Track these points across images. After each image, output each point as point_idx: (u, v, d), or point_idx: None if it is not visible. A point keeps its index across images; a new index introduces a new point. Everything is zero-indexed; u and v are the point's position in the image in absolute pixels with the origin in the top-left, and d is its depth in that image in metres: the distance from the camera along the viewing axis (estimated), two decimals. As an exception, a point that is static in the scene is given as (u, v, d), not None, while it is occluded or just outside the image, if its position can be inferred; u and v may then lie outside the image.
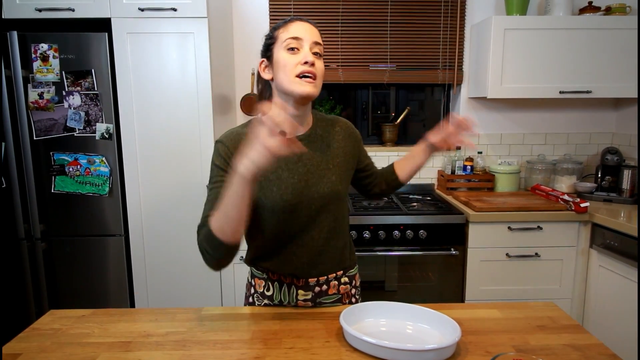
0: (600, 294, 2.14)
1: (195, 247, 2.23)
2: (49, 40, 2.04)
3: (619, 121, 2.76)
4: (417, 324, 1.08)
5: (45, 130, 2.10)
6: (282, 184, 1.12)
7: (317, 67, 1.08)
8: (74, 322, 1.14)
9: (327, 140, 1.20)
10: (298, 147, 0.88)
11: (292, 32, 1.07)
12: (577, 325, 1.11)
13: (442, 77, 2.72)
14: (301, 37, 1.07)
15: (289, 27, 1.09)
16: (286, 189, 1.12)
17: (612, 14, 2.43)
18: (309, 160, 1.16)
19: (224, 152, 1.09)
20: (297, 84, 1.06)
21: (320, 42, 1.10)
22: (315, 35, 1.09)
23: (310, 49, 1.07)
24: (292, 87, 1.06)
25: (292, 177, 1.13)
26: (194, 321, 1.14)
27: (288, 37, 1.07)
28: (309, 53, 1.06)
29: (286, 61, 1.06)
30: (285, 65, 1.06)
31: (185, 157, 2.16)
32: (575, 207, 2.18)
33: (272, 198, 1.12)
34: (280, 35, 1.09)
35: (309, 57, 1.05)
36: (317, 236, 1.18)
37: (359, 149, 1.30)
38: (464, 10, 2.67)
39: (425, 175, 2.83)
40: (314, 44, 1.08)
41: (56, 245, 2.21)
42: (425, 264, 2.26)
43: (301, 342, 1.03)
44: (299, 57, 1.06)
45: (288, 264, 1.19)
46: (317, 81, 1.08)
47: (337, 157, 1.20)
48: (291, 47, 1.07)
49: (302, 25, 1.09)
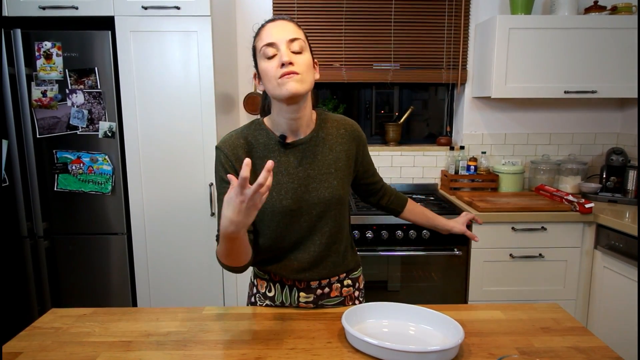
0: (604, 295, 2.13)
1: (197, 245, 2.23)
2: (53, 38, 2.04)
3: (624, 121, 2.73)
4: (419, 325, 1.07)
5: (48, 128, 2.11)
6: (282, 189, 1.11)
7: (298, 63, 1.02)
8: (75, 321, 1.14)
9: (330, 144, 1.16)
10: (268, 172, 0.81)
11: (264, 38, 1.03)
12: (582, 327, 1.10)
13: (446, 76, 2.70)
14: (274, 41, 1.01)
15: (262, 33, 1.05)
16: (286, 193, 1.11)
17: (618, 13, 2.41)
18: (309, 164, 1.13)
19: (224, 160, 1.10)
20: (280, 85, 1.01)
21: (298, 36, 1.03)
22: (290, 31, 1.03)
23: (287, 47, 1.01)
24: (276, 92, 1.02)
25: (291, 182, 1.12)
26: (195, 321, 1.14)
27: (262, 45, 1.03)
28: (284, 53, 1.00)
29: (266, 69, 1.03)
30: (267, 73, 1.03)
31: (187, 155, 2.16)
32: (580, 208, 2.16)
33: (271, 203, 1.11)
34: (257, 45, 1.06)
35: (284, 58, 1.00)
36: (318, 241, 1.16)
37: (359, 152, 1.23)
38: (469, 10, 2.66)
39: (428, 175, 2.82)
40: (289, 42, 1.02)
41: (59, 243, 2.21)
42: (428, 264, 2.25)
43: (303, 342, 1.03)
44: (277, 60, 1.01)
45: (289, 268, 1.18)
46: (302, 75, 1.01)
47: (340, 161, 1.17)
48: (268, 55, 1.02)
49: (274, 26, 1.04)
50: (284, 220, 1.12)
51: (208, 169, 2.17)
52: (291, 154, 1.12)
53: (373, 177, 1.33)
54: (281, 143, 1.12)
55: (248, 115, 2.67)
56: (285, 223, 1.13)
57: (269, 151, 1.12)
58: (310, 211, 1.13)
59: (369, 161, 1.30)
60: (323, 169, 1.14)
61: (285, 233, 1.14)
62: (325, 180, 1.14)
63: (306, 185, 1.12)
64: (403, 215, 1.40)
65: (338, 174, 1.15)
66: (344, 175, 1.17)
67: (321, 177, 1.13)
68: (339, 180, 1.16)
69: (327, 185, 1.14)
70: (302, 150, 1.13)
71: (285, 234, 1.14)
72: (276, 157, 1.12)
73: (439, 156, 2.79)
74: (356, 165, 1.24)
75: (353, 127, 1.22)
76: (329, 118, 1.20)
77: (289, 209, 1.11)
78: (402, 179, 2.81)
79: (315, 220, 1.14)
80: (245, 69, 2.67)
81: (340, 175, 1.16)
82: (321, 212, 1.14)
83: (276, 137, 1.12)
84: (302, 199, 1.12)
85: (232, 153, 1.10)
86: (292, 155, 1.12)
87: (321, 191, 1.13)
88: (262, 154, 1.12)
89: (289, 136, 1.12)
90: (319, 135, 1.15)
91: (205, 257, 2.24)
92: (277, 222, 1.12)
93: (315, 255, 1.17)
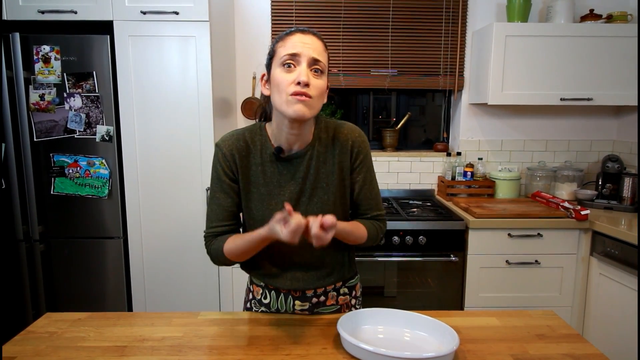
0: (600, 302, 2.13)
1: (193, 251, 2.22)
2: (51, 42, 2.05)
3: (620, 129, 2.75)
4: (415, 332, 1.07)
5: (46, 132, 2.10)
6: (272, 200, 1.11)
7: (314, 86, 0.99)
8: (70, 325, 1.14)
9: (324, 157, 1.13)
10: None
11: (289, 47, 0.99)
12: (577, 334, 1.10)
13: (443, 82, 2.72)
14: (299, 53, 0.98)
15: (287, 40, 1.01)
16: (276, 205, 1.11)
17: (613, 21, 2.44)
18: (302, 178, 1.11)
19: (222, 159, 1.12)
20: (288, 103, 0.98)
21: (322, 58, 1.01)
22: (316, 50, 1.00)
23: (309, 65, 0.99)
24: (283, 108, 1.00)
25: (282, 194, 1.11)
26: (190, 326, 1.14)
27: (285, 53, 0.99)
28: (304, 72, 0.98)
29: (280, 79, 0.99)
30: (280, 84, 0.99)
31: (185, 160, 2.16)
32: (576, 215, 2.17)
33: (261, 210, 1.12)
34: (278, 50, 1.02)
35: (302, 77, 0.97)
36: (308, 255, 1.15)
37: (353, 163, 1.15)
38: (465, 17, 2.67)
39: (425, 180, 2.82)
40: (312, 61, 0.99)
41: (55, 247, 2.20)
42: (424, 270, 2.25)
43: (298, 348, 1.03)
44: (294, 74, 0.98)
45: (282, 279, 1.18)
46: (313, 101, 0.99)
47: (333, 174, 1.13)
48: (287, 63, 0.99)
49: (303, 38, 1.00)
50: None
51: (205, 173, 2.17)
52: (284, 167, 1.12)
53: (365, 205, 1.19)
54: (276, 156, 1.11)
55: (246, 119, 2.68)
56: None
57: (264, 160, 1.12)
58: None
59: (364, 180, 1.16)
60: (315, 183, 1.12)
61: (276, 244, 1.08)
62: (315, 195, 1.12)
63: (297, 199, 1.12)
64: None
65: (330, 189, 1.13)
66: (336, 190, 1.13)
67: (312, 192, 1.12)
68: (331, 194, 1.13)
69: (317, 200, 1.12)
70: (296, 164, 1.12)
71: (276, 245, 1.09)
72: (270, 168, 1.12)
73: (436, 162, 2.80)
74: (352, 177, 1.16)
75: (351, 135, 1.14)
76: (329, 126, 1.15)
77: None
78: (399, 184, 2.82)
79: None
80: (243, 74, 2.68)
81: (333, 190, 1.13)
82: None
83: (272, 148, 1.11)
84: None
85: (230, 154, 1.11)
86: (286, 168, 1.12)
87: (310, 205, 1.12)
88: (258, 161, 1.12)
89: (285, 148, 1.11)
90: (315, 148, 1.12)
91: (201, 262, 2.23)
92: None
93: (309, 267, 1.17)
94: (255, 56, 2.65)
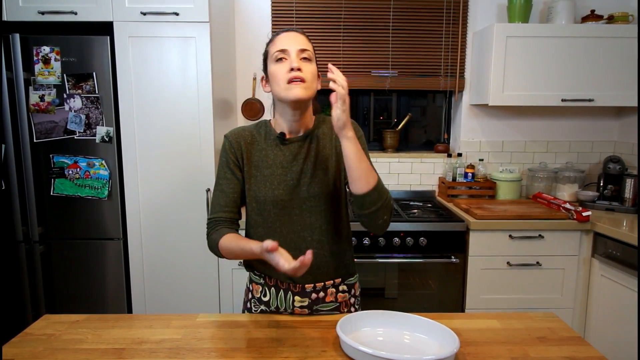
0: (602, 304, 2.12)
1: (194, 251, 2.22)
2: (51, 43, 2.04)
3: (622, 130, 2.74)
4: (415, 334, 1.06)
5: (46, 133, 2.10)
6: (275, 180, 1.19)
7: (306, 71, 1.11)
8: (68, 327, 1.13)
9: (324, 141, 1.23)
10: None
11: (278, 44, 1.14)
12: (578, 337, 1.09)
13: (443, 83, 2.71)
14: (286, 48, 1.12)
15: (276, 40, 1.16)
16: (278, 184, 1.19)
17: (614, 22, 2.43)
18: (303, 160, 1.20)
19: (228, 146, 1.21)
20: (287, 89, 1.11)
21: (307, 47, 1.14)
22: (301, 42, 1.14)
23: (297, 55, 1.12)
24: (282, 94, 1.12)
25: (284, 174, 1.19)
26: (189, 328, 1.13)
27: (275, 51, 1.13)
28: (294, 59, 1.11)
29: (276, 71, 1.13)
30: (276, 76, 1.13)
31: (185, 161, 2.16)
32: (577, 216, 2.16)
33: (264, 192, 1.19)
34: (270, 50, 1.16)
35: (294, 63, 1.10)
36: (308, 237, 1.20)
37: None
38: (466, 18, 2.67)
39: (426, 182, 2.82)
40: (300, 51, 1.13)
41: (54, 248, 2.20)
42: (425, 271, 2.24)
43: (297, 351, 1.02)
44: (287, 65, 1.11)
45: None
46: (308, 83, 1.11)
47: (332, 158, 1.22)
48: (279, 58, 1.13)
49: (288, 35, 1.15)
50: (274, 211, 1.18)
51: (205, 175, 2.16)
52: (287, 149, 1.21)
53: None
54: (280, 139, 1.21)
55: (246, 120, 2.67)
56: (276, 214, 1.18)
57: (268, 145, 1.22)
58: (301, 205, 1.19)
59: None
60: (316, 164, 1.20)
61: (276, 226, 1.19)
62: (316, 176, 1.20)
63: (298, 179, 1.19)
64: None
65: (330, 171, 1.21)
66: (335, 172, 1.22)
67: (313, 173, 1.20)
68: (331, 176, 1.21)
69: (318, 180, 1.19)
70: (298, 146, 1.21)
71: (276, 227, 1.19)
72: (273, 151, 1.21)
73: (437, 163, 2.79)
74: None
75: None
76: (328, 121, 1.26)
77: (280, 199, 1.18)
78: (399, 185, 2.81)
79: (306, 215, 1.19)
80: (243, 75, 2.68)
81: (332, 172, 1.21)
82: (312, 207, 1.19)
83: (276, 133, 1.22)
84: (293, 191, 1.18)
85: (236, 142, 1.22)
86: (288, 150, 1.21)
87: (312, 185, 1.19)
88: (261, 147, 1.22)
89: (288, 134, 1.22)
90: (315, 133, 1.23)
91: (201, 263, 2.23)
92: (269, 212, 1.19)
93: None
94: (255, 57, 2.65)
